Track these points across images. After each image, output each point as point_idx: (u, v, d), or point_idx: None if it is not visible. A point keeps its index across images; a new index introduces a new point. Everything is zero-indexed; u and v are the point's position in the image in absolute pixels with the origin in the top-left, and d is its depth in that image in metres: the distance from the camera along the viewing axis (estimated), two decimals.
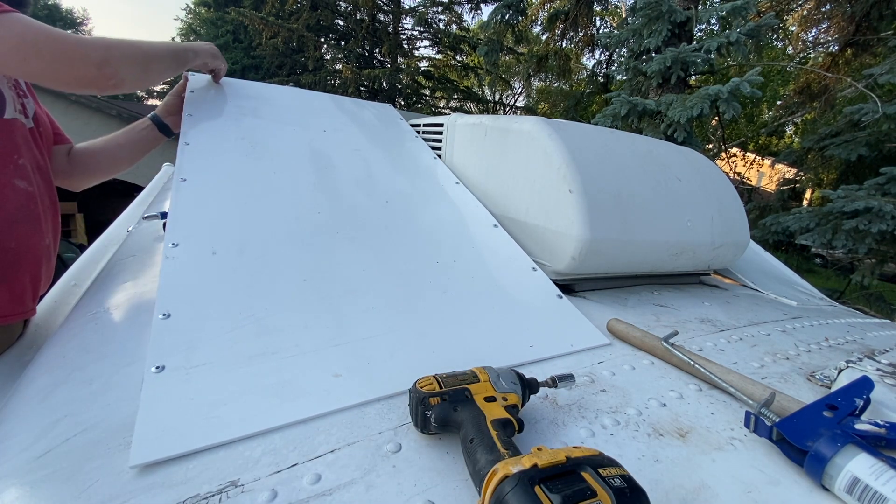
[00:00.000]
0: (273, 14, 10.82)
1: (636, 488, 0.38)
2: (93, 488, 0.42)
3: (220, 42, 15.10)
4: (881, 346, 0.98)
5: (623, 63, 5.50)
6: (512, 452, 0.42)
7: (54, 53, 0.76)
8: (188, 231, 0.78)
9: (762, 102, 13.46)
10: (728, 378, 0.67)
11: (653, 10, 4.43)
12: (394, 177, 1.18)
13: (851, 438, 0.49)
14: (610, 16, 10.70)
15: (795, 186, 6.33)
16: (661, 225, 1.08)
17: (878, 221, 3.56)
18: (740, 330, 0.97)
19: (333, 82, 11.04)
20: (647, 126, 4.44)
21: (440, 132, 1.41)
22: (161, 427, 0.48)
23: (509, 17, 6.52)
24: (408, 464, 0.48)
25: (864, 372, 0.71)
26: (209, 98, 1.23)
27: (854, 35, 5.79)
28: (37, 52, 0.74)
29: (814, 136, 5.44)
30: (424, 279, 0.84)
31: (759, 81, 3.72)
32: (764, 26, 4.14)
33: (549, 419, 0.58)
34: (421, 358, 0.66)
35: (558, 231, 0.99)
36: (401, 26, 11.53)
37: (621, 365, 0.74)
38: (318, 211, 0.94)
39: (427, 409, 0.49)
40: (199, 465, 0.45)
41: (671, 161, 1.22)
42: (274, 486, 0.43)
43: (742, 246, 1.30)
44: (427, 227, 1.02)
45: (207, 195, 0.88)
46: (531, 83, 16.08)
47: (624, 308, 1.03)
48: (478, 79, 13.43)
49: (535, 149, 1.05)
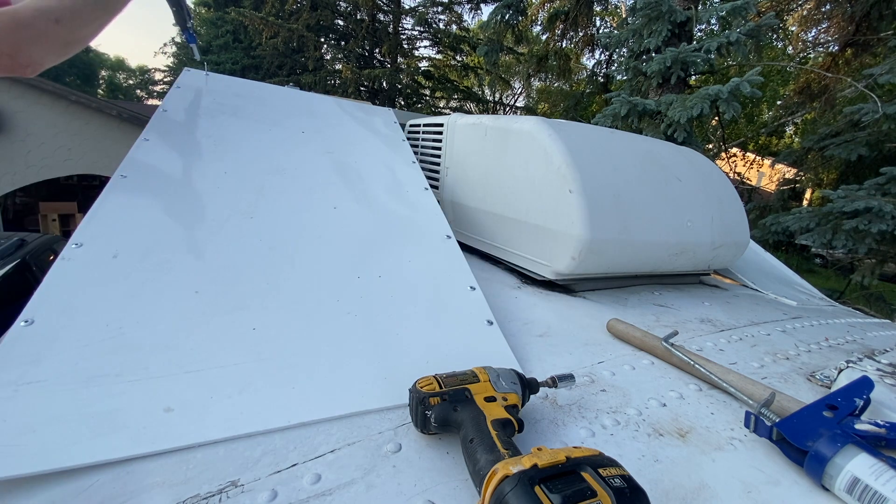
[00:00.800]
0: (273, 14, 10.83)
1: (636, 488, 0.38)
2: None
3: (220, 42, 15.10)
4: (881, 346, 0.98)
5: (623, 63, 5.50)
6: (512, 452, 0.42)
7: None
8: (98, 231, 0.73)
9: (762, 102, 13.46)
10: (728, 378, 0.67)
11: (653, 10, 4.43)
12: (356, 182, 1.11)
13: (851, 438, 0.49)
14: (610, 16, 10.70)
15: (795, 186, 6.33)
16: (661, 225, 1.08)
17: (878, 221, 3.56)
18: (740, 330, 0.97)
19: (333, 82, 11.04)
20: (647, 126, 4.44)
21: (440, 132, 1.41)
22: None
23: (509, 17, 6.52)
24: (408, 464, 0.48)
25: (864, 372, 0.71)
26: (192, 95, 1.20)
27: (854, 35, 5.79)
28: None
29: (814, 136, 5.45)
30: (332, 298, 0.76)
31: (759, 81, 3.73)
32: (764, 26, 4.14)
33: (549, 419, 0.58)
34: (277, 395, 0.56)
35: (558, 231, 0.99)
36: (401, 26, 11.53)
37: (621, 365, 0.74)
38: (250, 216, 0.88)
39: (427, 409, 0.49)
40: (199, 465, 0.45)
41: (671, 161, 1.22)
42: (274, 485, 0.43)
43: (742, 246, 1.30)
44: (367, 237, 0.94)
45: (140, 194, 0.83)
46: (531, 83, 16.09)
47: (624, 308, 1.03)
48: (478, 79, 13.43)
49: (535, 149, 1.05)
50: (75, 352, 0.56)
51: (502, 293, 1.01)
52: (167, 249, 0.75)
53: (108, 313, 0.61)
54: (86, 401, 0.50)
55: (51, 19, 0.77)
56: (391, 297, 0.80)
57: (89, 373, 0.53)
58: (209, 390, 0.55)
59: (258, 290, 0.73)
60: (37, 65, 0.77)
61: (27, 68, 0.76)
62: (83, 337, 0.58)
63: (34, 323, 0.57)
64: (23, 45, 0.74)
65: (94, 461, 0.45)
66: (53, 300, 0.61)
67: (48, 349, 0.55)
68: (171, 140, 1.01)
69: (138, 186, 0.85)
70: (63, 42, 0.80)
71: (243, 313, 0.68)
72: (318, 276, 0.80)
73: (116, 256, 0.70)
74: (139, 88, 25.48)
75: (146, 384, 0.54)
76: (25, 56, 0.75)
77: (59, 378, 0.52)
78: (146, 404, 0.51)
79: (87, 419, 0.48)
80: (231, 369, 0.59)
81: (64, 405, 0.49)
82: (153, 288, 0.67)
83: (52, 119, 7.23)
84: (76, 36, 0.82)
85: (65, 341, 0.56)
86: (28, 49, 0.75)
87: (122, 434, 0.48)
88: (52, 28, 0.77)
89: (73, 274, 0.65)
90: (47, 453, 0.44)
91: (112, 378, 0.54)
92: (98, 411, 0.50)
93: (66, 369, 0.53)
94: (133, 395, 0.52)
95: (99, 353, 0.56)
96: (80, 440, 0.46)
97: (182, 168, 0.94)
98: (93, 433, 0.47)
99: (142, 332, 0.61)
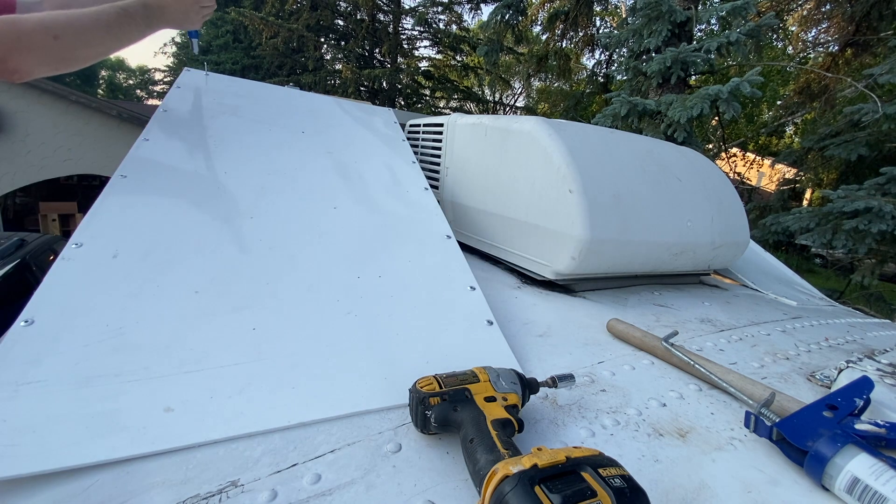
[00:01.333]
0: (273, 14, 10.82)
1: (636, 488, 0.38)
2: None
3: (220, 42, 15.09)
4: (881, 346, 0.98)
5: (623, 63, 5.50)
6: (512, 452, 0.43)
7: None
8: (98, 231, 0.73)
9: (762, 102, 13.46)
10: (728, 378, 0.67)
11: (653, 10, 4.43)
12: (356, 182, 1.11)
13: (851, 438, 0.49)
14: (610, 16, 10.70)
15: (795, 186, 6.33)
16: (661, 225, 1.08)
17: (878, 221, 3.56)
18: (740, 330, 0.97)
19: (333, 82, 11.04)
20: (647, 126, 4.44)
21: (440, 132, 1.41)
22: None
23: (509, 17, 6.52)
24: (408, 464, 0.48)
25: (864, 372, 0.71)
26: (192, 95, 1.20)
27: (854, 35, 5.79)
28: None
29: (814, 136, 5.45)
30: (331, 298, 0.76)
31: (759, 81, 3.73)
32: (764, 26, 4.14)
33: (549, 419, 0.58)
34: (277, 395, 0.56)
35: (558, 231, 0.99)
36: (401, 26, 11.52)
37: (621, 365, 0.74)
38: (250, 216, 0.88)
39: (427, 409, 0.49)
40: (199, 465, 0.45)
41: (671, 161, 1.22)
42: (274, 485, 0.43)
43: (742, 246, 1.30)
44: (367, 237, 0.94)
45: (140, 194, 0.83)
46: (531, 83, 16.09)
47: (624, 308, 1.03)
48: (478, 79, 13.43)
49: (535, 149, 1.05)
50: (75, 352, 0.55)
51: (502, 293, 1.02)
52: (167, 249, 0.74)
53: (108, 313, 0.61)
54: (85, 401, 0.50)
55: (50, 34, 0.78)
56: (391, 297, 0.80)
57: (89, 373, 0.53)
58: (209, 390, 0.55)
59: (258, 290, 0.73)
60: (24, 73, 0.78)
61: (14, 74, 0.77)
62: (83, 337, 0.57)
63: (34, 323, 0.57)
64: (14, 53, 0.75)
65: (93, 461, 0.44)
66: (53, 300, 0.61)
67: (48, 349, 0.55)
68: (172, 140, 1.01)
69: (138, 186, 0.85)
70: (58, 57, 0.82)
71: (243, 313, 0.68)
72: (318, 276, 0.80)
73: (116, 256, 0.70)
74: (139, 88, 25.47)
75: (146, 384, 0.54)
76: (14, 62, 0.76)
77: (59, 378, 0.52)
78: (146, 404, 0.51)
79: (86, 419, 0.48)
80: (231, 369, 0.59)
81: (63, 405, 0.49)
82: (153, 288, 0.67)
83: (52, 119, 7.23)
84: (74, 55, 0.83)
85: (65, 341, 0.56)
86: (18, 57, 0.76)
87: (121, 434, 0.48)
88: (50, 43, 0.78)
89: (72, 274, 0.65)
90: (47, 453, 0.44)
91: (112, 378, 0.53)
92: (98, 411, 0.50)
93: (66, 369, 0.53)
94: (133, 395, 0.52)
95: (99, 353, 0.56)
96: (80, 440, 0.46)
97: (182, 168, 0.94)
98: (92, 433, 0.47)
99: (142, 332, 0.60)
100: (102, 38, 0.85)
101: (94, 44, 0.84)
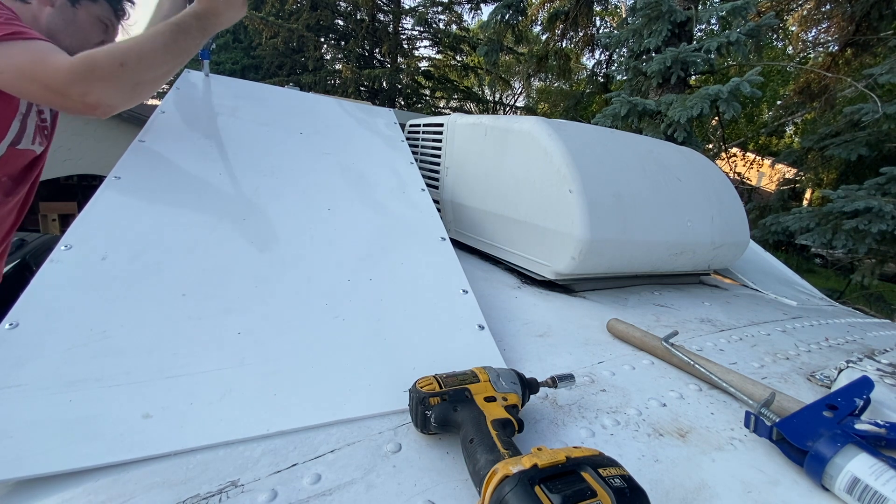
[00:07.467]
0: (273, 14, 10.82)
1: (636, 488, 0.38)
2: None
3: (220, 42, 15.06)
4: (881, 346, 0.98)
5: (623, 63, 5.50)
6: (512, 452, 0.43)
7: (43, 82, 0.76)
8: (88, 233, 0.72)
9: (762, 102, 13.46)
10: (728, 378, 0.67)
11: (653, 10, 4.43)
12: (352, 183, 1.10)
13: (851, 438, 0.49)
14: (610, 16, 10.70)
15: (795, 186, 6.33)
16: (661, 225, 1.08)
17: (878, 221, 3.56)
18: (740, 330, 0.97)
19: (333, 82, 11.03)
20: (647, 126, 4.44)
21: (440, 132, 1.41)
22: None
23: (509, 17, 6.52)
24: (408, 464, 0.48)
25: (864, 372, 0.71)
26: (191, 96, 1.20)
27: (854, 35, 5.79)
28: (31, 80, 0.75)
29: (814, 136, 5.44)
30: (320, 302, 0.75)
31: (759, 81, 3.73)
32: (764, 26, 4.15)
33: (549, 419, 0.58)
34: (259, 401, 0.55)
35: (558, 231, 0.99)
36: (401, 26, 11.53)
37: (621, 365, 0.74)
38: (243, 217, 0.87)
39: (427, 409, 0.49)
40: (199, 465, 0.45)
41: (671, 161, 1.22)
42: (274, 485, 0.43)
43: (742, 246, 1.30)
44: (360, 239, 0.93)
45: (133, 196, 0.83)
46: (531, 83, 16.09)
47: (624, 308, 1.03)
48: (478, 79, 13.42)
49: (535, 149, 1.05)
50: (58, 356, 0.55)
51: (502, 293, 1.01)
52: (157, 252, 0.74)
53: (94, 316, 0.60)
54: (65, 406, 0.50)
55: (116, 62, 0.82)
56: (380, 300, 0.79)
57: (70, 377, 0.53)
58: (189, 396, 0.54)
59: (246, 293, 0.72)
60: (106, 107, 0.83)
61: (97, 109, 0.82)
62: (66, 340, 0.57)
63: (19, 326, 0.56)
64: (91, 86, 0.79)
65: (68, 469, 0.44)
66: (39, 303, 0.60)
67: (31, 353, 0.54)
68: (167, 142, 1.00)
69: (131, 188, 0.85)
70: (130, 84, 0.85)
71: (231, 317, 0.67)
72: (309, 279, 0.79)
73: (105, 259, 0.69)
74: None
75: (126, 389, 0.53)
76: (93, 97, 0.80)
77: (40, 382, 0.51)
78: (125, 410, 0.51)
79: (63, 425, 0.48)
80: (215, 374, 0.58)
81: (42, 410, 0.49)
82: (140, 291, 0.66)
83: None
84: (142, 78, 0.87)
85: (48, 345, 0.55)
86: (96, 91, 0.80)
87: (98, 441, 0.47)
88: (118, 70, 0.82)
89: (60, 276, 0.64)
90: (22, 460, 0.43)
91: (92, 383, 0.53)
92: (76, 417, 0.49)
93: (48, 374, 0.52)
94: (112, 400, 0.51)
95: (82, 357, 0.55)
96: (56, 446, 0.45)
97: (176, 170, 0.94)
98: (68, 439, 0.46)
99: (126, 335, 0.60)
100: (164, 57, 0.88)
101: (158, 64, 0.88)
